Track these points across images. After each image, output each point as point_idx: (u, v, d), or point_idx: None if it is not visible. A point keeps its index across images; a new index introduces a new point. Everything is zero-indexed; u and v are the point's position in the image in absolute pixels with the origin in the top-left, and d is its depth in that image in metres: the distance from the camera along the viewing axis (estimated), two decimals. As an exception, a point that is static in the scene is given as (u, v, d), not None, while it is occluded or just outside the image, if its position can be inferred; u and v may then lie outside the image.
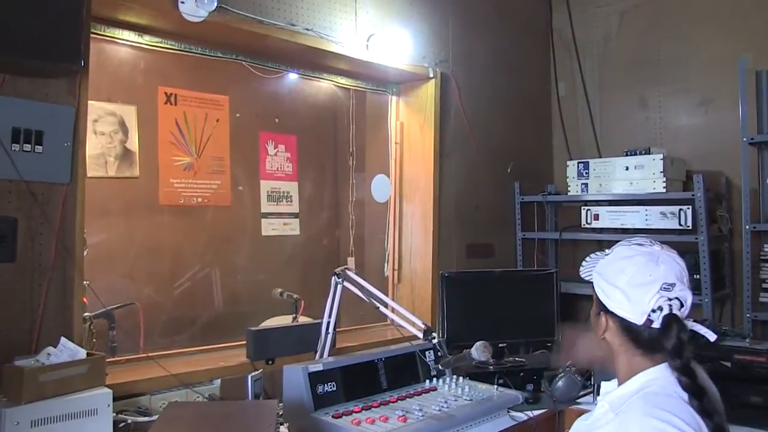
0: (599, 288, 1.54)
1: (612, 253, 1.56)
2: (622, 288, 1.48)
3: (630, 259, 1.51)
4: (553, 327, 3.37)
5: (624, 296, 1.47)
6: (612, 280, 1.51)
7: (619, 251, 1.55)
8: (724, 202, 3.63)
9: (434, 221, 3.54)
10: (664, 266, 1.47)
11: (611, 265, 1.53)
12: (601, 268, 1.56)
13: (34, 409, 1.87)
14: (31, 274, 2.13)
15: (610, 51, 4.20)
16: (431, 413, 2.29)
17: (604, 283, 1.53)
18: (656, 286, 1.45)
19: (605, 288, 1.52)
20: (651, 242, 1.56)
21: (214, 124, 3.07)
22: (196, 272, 3.15)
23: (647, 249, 1.53)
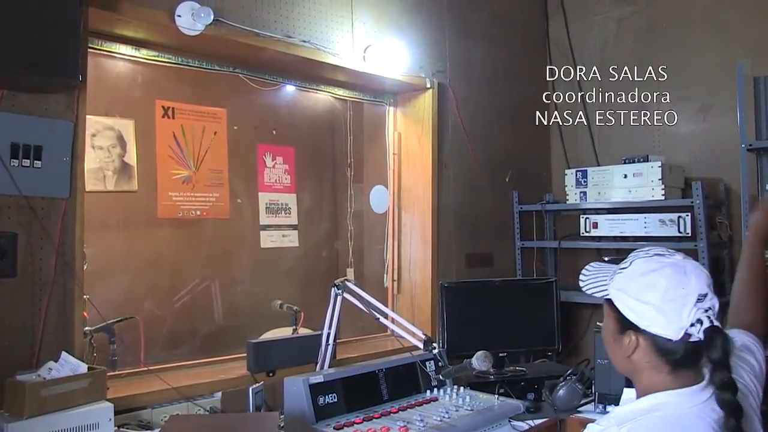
0: (625, 306, 1.44)
1: (632, 267, 1.47)
2: (655, 304, 1.39)
3: (658, 272, 1.42)
4: (554, 336, 3.36)
5: (658, 313, 1.39)
6: (641, 296, 1.42)
7: (642, 265, 1.46)
8: (724, 208, 3.63)
9: (433, 231, 3.54)
10: (694, 276, 1.41)
11: (636, 281, 1.44)
12: (622, 284, 1.46)
13: (36, 423, 1.88)
14: (31, 288, 2.13)
15: (607, 59, 4.21)
16: (432, 423, 2.29)
17: (631, 300, 1.43)
18: (692, 298, 1.38)
19: (633, 305, 1.43)
20: (670, 252, 1.48)
21: (212, 137, 3.08)
22: (196, 285, 3.16)
23: (671, 260, 1.45)
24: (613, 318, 1.49)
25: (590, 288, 1.55)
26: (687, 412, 1.38)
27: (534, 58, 4.39)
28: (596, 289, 1.54)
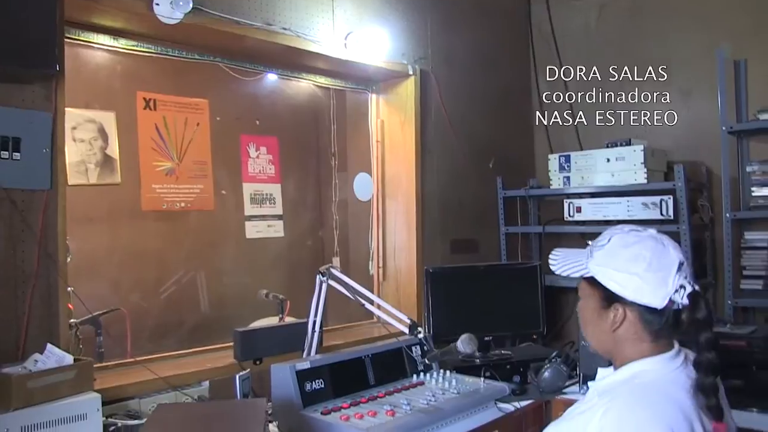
0: (610, 280, 1.49)
1: (612, 242, 1.52)
2: (641, 274, 1.45)
3: (639, 244, 1.49)
4: (539, 319, 3.39)
5: (644, 282, 1.45)
6: (627, 268, 1.47)
7: (621, 239, 1.51)
8: (705, 191, 3.67)
9: (417, 218, 3.56)
10: (671, 247, 1.49)
11: (619, 254, 1.49)
12: (604, 259, 1.51)
13: (24, 415, 1.88)
14: (14, 281, 2.12)
15: (590, 44, 4.23)
16: (419, 407, 2.30)
17: (615, 273, 1.48)
18: (674, 267, 1.45)
19: (619, 278, 1.48)
20: (643, 227, 1.55)
21: (195, 129, 3.06)
22: (182, 277, 3.15)
23: (648, 233, 1.52)
24: (594, 295, 1.54)
25: (566, 269, 1.60)
26: (663, 377, 1.46)
27: (516, 43, 4.41)
28: (573, 269, 1.58)
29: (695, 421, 1.39)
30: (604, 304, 1.52)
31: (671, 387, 1.44)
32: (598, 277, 1.51)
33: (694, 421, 1.39)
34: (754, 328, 2.92)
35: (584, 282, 1.57)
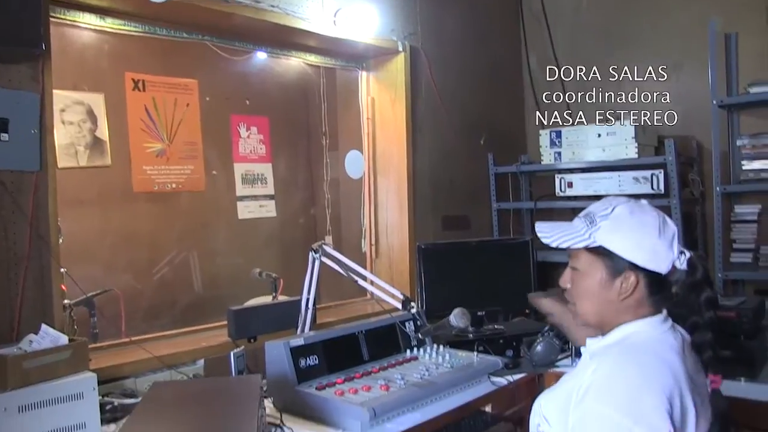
0: (621, 248, 1.51)
1: (617, 212, 1.54)
2: (652, 241, 1.49)
3: (644, 212, 1.53)
4: (531, 294, 3.41)
5: (655, 249, 1.49)
6: (639, 236, 1.50)
7: (625, 207, 1.54)
8: (696, 165, 3.69)
9: (409, 195, 3.56)
10: (665, 216, 1.54)
11: (627, 222, 1.52)
12: (612, 228, 1.53)
13: (21, 395, 1.88)
14: (6, 263, 2.12)
15: (580, 20, 4.22)
16: (413, 381, 2.33)
17: (627, 241, 1.51)
18: (674, 233, 1.51)
19: (630, 246, 1.51)
20: (633, 199, 1.60)
21: (185, 109, 3.05)
22: (174, 257, 3.16)
23: (645, 202, 1.57)
24: (602, 264, 1.55)
25: (564, 241, 1.59)
26: (654, 338, 1.51)
27: (506, 19, 4.40)
28: (572, 240, 1.58)
29: (683, 381, 1.43)
30: (612, 273, 1.54)
31: (661, 347, 1.48)
32: (608, 245, 1.53)
33: (681, 381, 1.42)
34: (743, 299, 2.95)
35: (586, 253, 1.57)
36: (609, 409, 1.36)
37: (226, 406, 1.69)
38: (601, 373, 1.42)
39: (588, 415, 1.40)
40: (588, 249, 1.57)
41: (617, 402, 1.37)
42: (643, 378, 1.39)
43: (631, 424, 1.33)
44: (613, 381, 1.40)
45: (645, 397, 1.36)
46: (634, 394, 1.37)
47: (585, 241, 1.56)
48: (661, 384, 1.38)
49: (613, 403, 1.37)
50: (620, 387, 1.39)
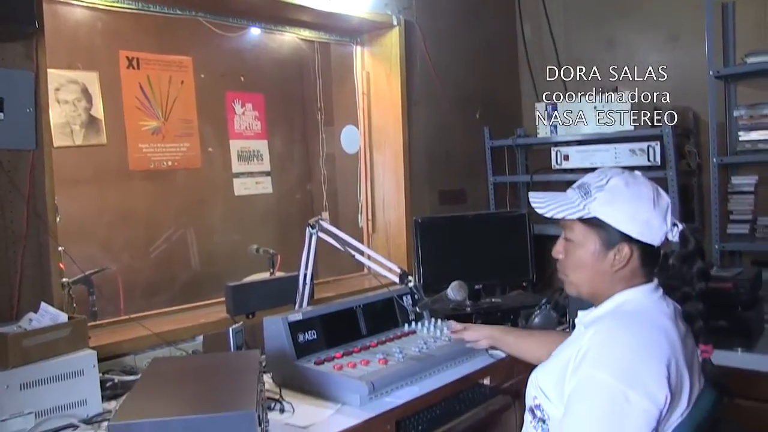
0: (617, 219, 1.52)
1: (611, 183, 1.55)
2: (647, 213, 1.51)
3: (639, 184, 1.54)
4: (528, 267, 3.42)
5: (649, 221, 1.51)
6: (632, 208, 1.52)
7: (620, 179, 1.55)
8: (692, 137, 3.67)
9: (405, 170, 3.55)
10: (659, 188, 1.56)
11: (622, 194, 1.53)
12: (607, 199, 1.54)
13: (22, 372, 1.90)
14: (4, 242, 2.13)
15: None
16: (412, 354, 2.34)
17: (622, 213, 1.52)
18: (668, 205, 1.53)
19: (625, 218, 1.52)
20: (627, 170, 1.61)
21: (179, 87, 3.04)
22: (171, 235, 3.17)
23: (639, 174, 1.59)
24: (596, 236, 1.57)
25: (559, 211, 1.61)
26: (647, 305, 1.54)
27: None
28: (567, 211, 1.59)
29: (678, 347, 1.45)
30: (606, 245, 1.56)
31: (654, 313, 1.51)
32: (603, 217, 1.54)
33: (677, 347, 1.45)
34: (740, 270, 2.97)
35: (580, 224, 1.59)
36: (605, 374, 1.38)
37: (226, 380, 1.70)
38: (597, 341, 1.44)
39: (584, 382, 1.41)
40: (582, 220, 1.58)
41: (613, 368, 1.38)
42: (639, 344, 1.41)
43: (627, 390, 1.35)
44: (609, 347, 1.42)
45: (642, 364, 1.38)
46: (630, 360, 1.39)
47: (579, 212, 1.57)
48: (658, 350, 1.40)
49: (609, 369, 1.38)
50: (616, 353, 1.40)
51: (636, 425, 1.35)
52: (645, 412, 1.35)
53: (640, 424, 1.35)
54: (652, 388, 1.36)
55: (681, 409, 1.43)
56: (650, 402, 1.35)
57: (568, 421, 1.43)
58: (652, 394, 1.35)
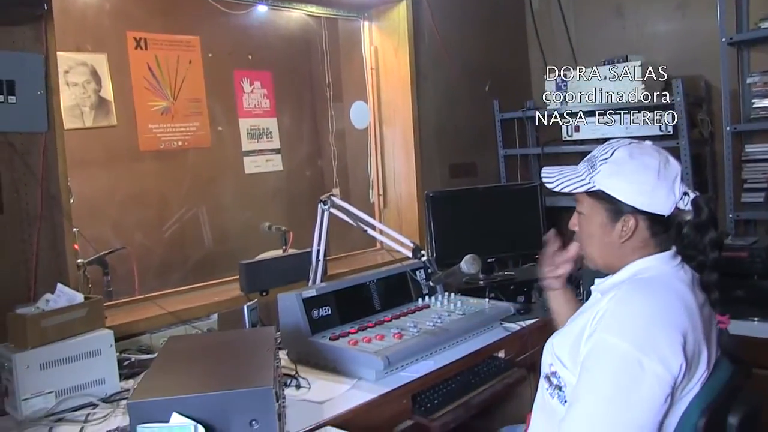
0: (621, 191, 1.52)
1: (616, 155, 1.54)
2: (652, 183, 1.50)
3: (645, 155, 1.53)
4: (540, 240, 3.39)
5: (655, 191, 1.50)
6: (637, 178, 1.51)
7: (625, 150, 1.54)
8: (705, 105, 3.64)
9: (415, 144, 3.55)
10: (670, 157, 1.55)
11: (627, 165, 1.52)
12: (612, 171, 1.53)
13: (41, 352, 1.93)
14: (20, 224, 2.15)
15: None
16: (426, 329, 2.35)
17: (626, 184, 1.52)
18: (678, 174, 1.52)
19: (630, 189, 1.52)
20: (637, 140, 1.60)
21: (187, 66, 3.03)
22: (183, 214, 3.18)
23: (648, 144, 1.57)
24: (602, 208, 1.57)
25: (566, 186, 1.61)
26: (664, 272, 1.53)
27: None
28: (574, 185, 1.60)
29: (694, 312, 1.45)
30: (612, 217, 1.56)
31: (671, 280, 1.51)
32: (607, 189, 1.54)
33: (694, 315, 1.45)
34: (755, 239, 2.95)
35: (587, 197, 1.59)
36: (619, 339, 1.38)
37: (243, 357, 1.71)
38: (613, 306, 1.44)
39: (598, 346, 1.42)
40: (589, 193, 1.58)
41: (628, 333, 1.38)
42: (655, 311, 1.41)
43: (640, 355, 1.35)
44: (625, 313, 1.42)
45: (657, 330, 1.38)
46: (645, 326, 1.39)
47: (585, 186, 1.57)
48: (675, 317, 1.41)
49: (623, 334, 1.38)
50: (631, 319, 1.41)
51: (649, 391, 1.35)
52: (658, 378, 1.35)
53: (654, 390, 1.35)
54: (667, 355, 1.36)
55: (699, 374, 1.43)
56: (664, 368, 1.35)
57: (581, 385, 1.43)
58: (666, 360, 1.35)
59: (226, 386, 1.46)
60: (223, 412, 1.42)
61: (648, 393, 1.35)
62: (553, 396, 1.59)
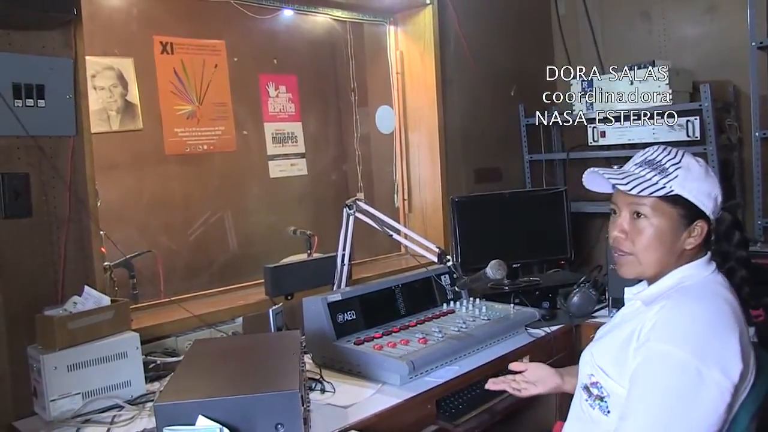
0: (697, 197, 1.51)
1: (686, 162, 1.54)
2: (717, 190, 1.54)
3: (700, 162, 1.55)
4: (566, 245, 3.39)
5: (717, 198, 1.54)
6: (707, 186, 1.52)
7: (691, 157, 1.56)
8: (733, 110, 3.58)
9: (441, 149, 3.54)
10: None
11: (697, 172, 1.53)
12: (690, 178, 1.51)
13: (69, 354, 1.96)
14: (48, 227, 2.17)
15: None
16: (451, 334, 2.35)
17: (701, 191, 1.52)
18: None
19: (702, 196, 1.52)
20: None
21: (213, 70, 3.05)
22: (209, 218, 3.19)
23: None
24: (676, 213, 1.53)
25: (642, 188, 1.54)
26: (705, 278, 1.54)
27: (533, -34, 4.28)
28: (652, 188, 1.53)
29: (740, 316, 1.45)
30: (685, 222, 1.54)
31: (715, 285, 1.51)
32: (686, 194, 1.52)
33: (739, 316, 1.45)
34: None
35: (660, 201, 1.53)
36: (675, 348, 1.36)
37: (269, 360, 1.71)
38: (665, 316, 1.43)
39: (653, 356, 1.40)
40: (661, 197, 1.54)
41: (685, 341, 1.37)
42: (709, 317, 1.40)
43: (699, 364, 1.34)
44: (680, 322, 1.41)
45: (714, 337, 1.37)
46: (703, 333, 1.38)
47: (662, 190, 1.52)
48: (729, 323, 1.40)
49: (679, 343, 1.37)
50: (687, 327, 1.39)
51: (710, 400, 1.33)
52: (719, 386, 1.33)
53: (715, 398, 1.34)
54: (726, 362, 1.34)
55: (749, 379, 1.42)
56: (724, 376, 1.34)
57: (636, 396, 1.41)
58: (725, 368, 1.34)
59: (252, 389, 1.46)
60: (248, 416, 1.42)
61: (709, 402, 1.34)
62: (593, 407, 1.57)
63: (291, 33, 3.46)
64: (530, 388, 1.93)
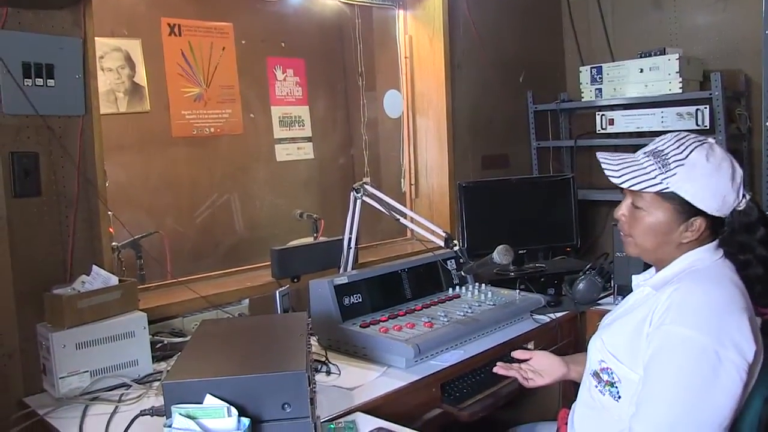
0: (695, 196, 1.50)
1: (692, 158, 1.51)
2: (726, 190, 1.50)
3: (720, 159, 1.51)
4: (572, 232, 3.39)
5: (725, 197, 1.50)
6: (713, 184, 1.49)
7: (701, 153, 1.51)
8: (743, 100, 3.55)
9: (449, 134, 3.54)
10: (733, 159, 1.53)
11: (702, 170, 1.50)
12: (688, 175, 1.50)
13: (77, 332, 1.98)
14: (57, 206, 2.18)
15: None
16: (456, 318, 2.35)
17: (701, 190, 1.50)
18: (741, 178, 1.52)
19: (703, 195, 1.50)
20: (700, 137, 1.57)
21: (221, 53, 3.04)
22: (215, 200, 3.19)
23: (712, 141, 1.54)
24: (670, 208, 1.54)
25: (635, 182, 1.55)
26: (715, 262, 1.54)
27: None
28: (645, 183, 1.54)
29: (747, 296, 1.46)
30: (680, 217, 1.53)
31: (723, 269, 1.52)
32: (682, 193, 1.51)
33: (746, 295, 1.46)
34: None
35: (655, 195, 1.55)
36: (691, 331, 1.37)
37: (276, 341, 1.71)
38: (679, 299, 1.43)
39: (669, 340, 1.41)
40: (661, 192, 1.54)
41: (699, 324, 1.38)
42: (721, 299, 1.41)
43: (716, 345, 1.35)
44: (693, 304, 1.41)
45: (728, 319, 1.38)
46: (717, 315, 1.39)
47: (657, 186, 1.53)
48: (740, 304, 1.41)
49: (694, 325, 1.38)
50: (701, 310, 1.40)
51: (730, 380, 1.35)
52: (736, 366, 1.35)
53: (734, 378, 1.35)
54: (741, 342, 1.36)
55: (759, 361, 1.43)
56: (740, 356, 1.35)
57: (654, 380, 1.42)
58: (741, 348, 1.35)
59: (260, 369, 1.46)
60: (256, 395, 1.42)
61: (729, 382, 1.35)
62: (604, 393, 1.58)
63: (299, 16, 3.45)
64: (537, 379, 1.94)
